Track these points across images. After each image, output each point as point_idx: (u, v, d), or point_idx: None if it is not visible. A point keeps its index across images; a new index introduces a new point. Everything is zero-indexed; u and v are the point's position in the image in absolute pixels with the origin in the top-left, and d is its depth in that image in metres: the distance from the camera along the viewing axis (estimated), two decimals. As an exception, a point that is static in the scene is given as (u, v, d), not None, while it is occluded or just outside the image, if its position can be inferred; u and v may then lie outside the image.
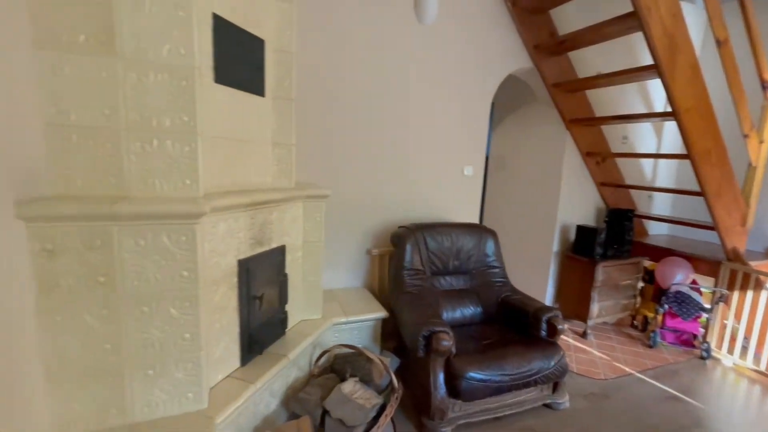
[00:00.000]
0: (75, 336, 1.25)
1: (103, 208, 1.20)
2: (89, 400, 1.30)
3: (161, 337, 1.35)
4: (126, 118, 1.29)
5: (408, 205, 2.94)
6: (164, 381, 1.38)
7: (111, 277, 1.25)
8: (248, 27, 1.66)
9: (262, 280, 1.81)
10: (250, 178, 1.79)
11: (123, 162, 1.30)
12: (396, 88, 2.73)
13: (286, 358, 1.84)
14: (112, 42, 1.24)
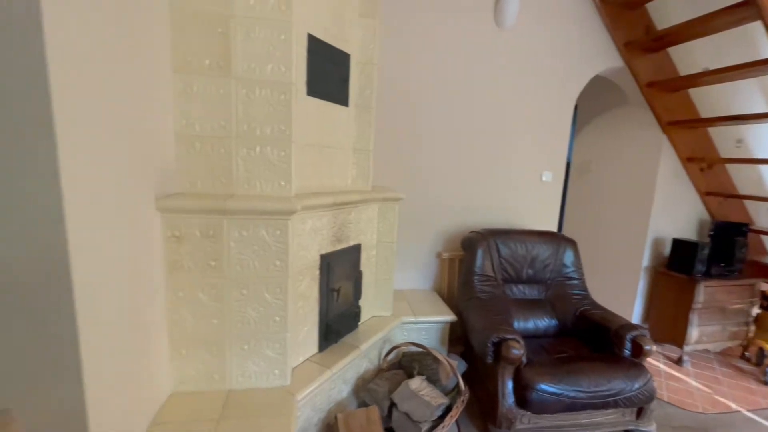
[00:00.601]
0: (191, 310, 1.50)
1: (217, 204, 1.43)
2: (199, 365, 1.54)
3: (256, 317, 1.55)
4: (236, 128, 1.52)
5: (480, 210, 2.92)
6: (256, 356, 1.58)
7: (220, 262, 1.48)
8: (337, 43, 1.83)
9: (340, 274, 1.96)
10: (332, 180, 1.96)
11: (232, 165, 1.53)
12: (472, 93, 2.75)
13: (358, 349, 1.96)
14: (229, 64, 1.47)
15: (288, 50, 1.49)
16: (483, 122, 2.80)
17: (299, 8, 1.52)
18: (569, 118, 2.98)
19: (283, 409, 1.48)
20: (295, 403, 1.54)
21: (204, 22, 1.43)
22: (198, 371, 1.54)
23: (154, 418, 1.39)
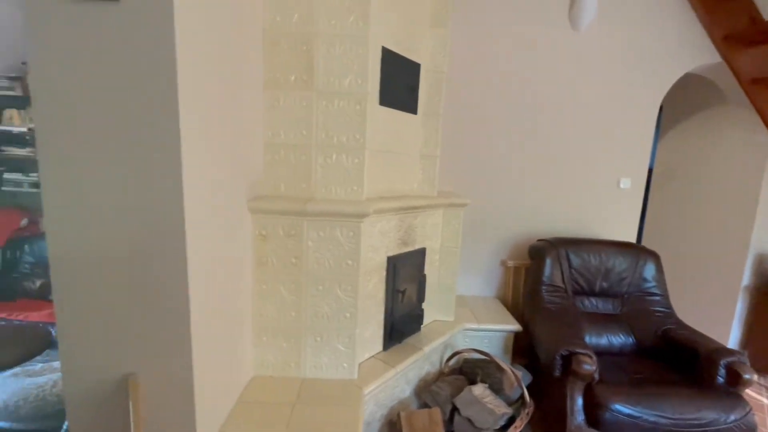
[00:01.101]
0: (272, 302, 1.66)
1: (298, 206, 1.57)
2: (277, 352, 1.69)
3: (329, 312, 1.67)
4: (316, 137, 1.65)
5: (549, 217, 2.81)
6: (328, 349, 1.69)
7: (299, 259, 1.62)
8: (408, 54, 1.91)
9: (405, 276, 2.02)
10: (399, 185, 2.03)
11: (311, 171, 1.67)
12: (542, 96, 2.67)
13: (421, 351, 2.00)
14: (311, 79, 1.61)
15: (365, 63, 1.59)
16: (554, 126, 2.70)
17: (375, 23, 1.62)
18: (653, 120, 2.76)
19: (352, 401, 1.57)
20: (362, 396, 1.62)
21: (291, 42, 1.58)
22: (276, 358, 1.70)
23: (240, 396, 1.55)
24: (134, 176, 1.03)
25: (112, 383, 1.13)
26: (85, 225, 1.05)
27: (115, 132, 1.01)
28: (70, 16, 0.96)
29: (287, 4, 1.56)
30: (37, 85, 0.99)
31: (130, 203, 1.04)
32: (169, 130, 1.01)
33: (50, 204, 1.04)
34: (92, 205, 1.04)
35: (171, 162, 1.03)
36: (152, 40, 0.97)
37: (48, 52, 0.97)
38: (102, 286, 1.09)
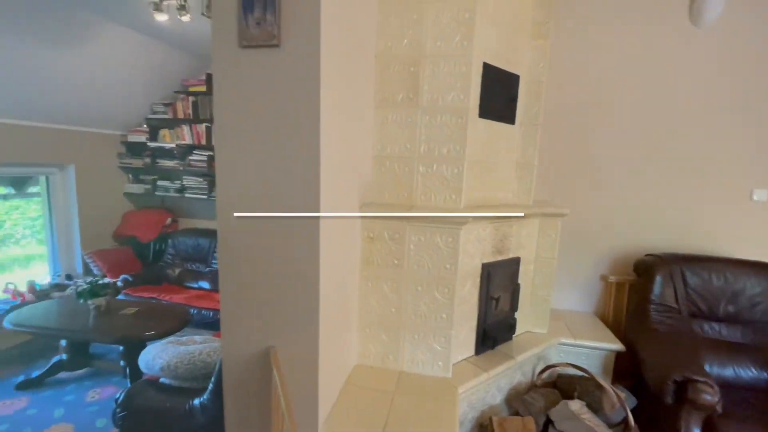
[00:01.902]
0: (376, 298, 1.83)
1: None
2: (377, 344, 1.86)
3: (426, 312, 1.78)
4: (419, 150, 1.80)
5: (658, 231, 2.58)
6: (424, 346, 1.81)
7: (401, 261, 1.77)
8: (507, 66, 1.96)
9: (499, 284, 2.05)
10: (495, 194, 2.08)
11: (413, 181, 1.82)
12: (654, 100, 2.48)
13: (513, 360, 2.01)
14: (417, 97, 1.76)
15: (467, 80, 1.70)
16: (669, 131, 2.48)
17: (478, 42, 1.71)
18: (799, 122, 2.37)
19: (447, 396, 1.66)
20: (457, 393, 1.70)
21: (400, 65, 1.76)
22: (377, 350, 1.87)
23: (346, 379, 1.75)
24: (284, 182, 1.27)
25: (258, 353, 1.39)
26: (243, 226, 1.33)
27: (271, 142, 1.26)
28: (242, 58, 1.24)
29: (398, 31, 1.74)
30: (218, 107, 1.29)
31: (277, 204, 1.29)
32: (311, 146, 1.23)
33: (221, 203, 1.34)
34: (250, 206, 1.31)
35: (312, 172, 1.25)
36: (303, 74, 1.20)
37: (226, 83, 1.27)
38: (253, 280, 1.35)
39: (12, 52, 2.65)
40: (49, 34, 2.72)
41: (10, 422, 2.46)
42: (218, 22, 1.24)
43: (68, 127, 3.57)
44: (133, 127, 4.08)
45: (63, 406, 2.64)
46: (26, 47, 2.68)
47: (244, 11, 1.18)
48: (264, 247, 1.33)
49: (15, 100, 2.99)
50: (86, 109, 3.53)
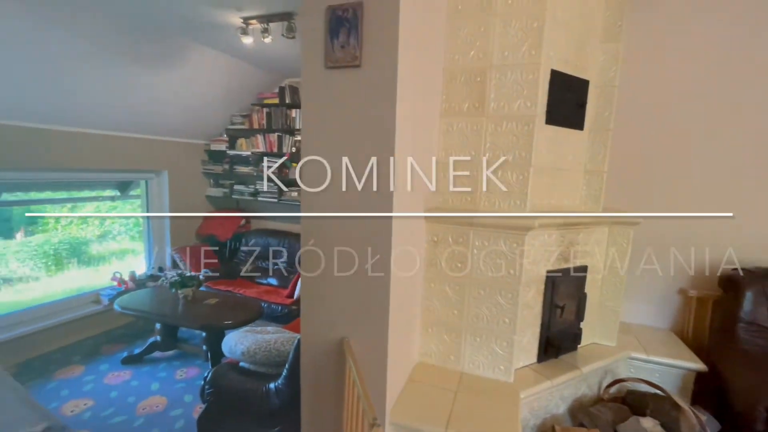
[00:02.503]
0: (439, 299, 1.90)
1: (465, 218, 1.78)
2: (439, 344, 1.93)
3: (488, 315, 1.82)
4: (483, 156, 1.85)
5: (746, 242, 2.35)
6: (485, 349, 1.85)
7: (464, 264, 1.83)
8: (576, 72, 1.94)
9: (563, 292, 2.02)
10: (561, 200, 2.05)
11: (478, 186, 1.87)
12: (745, 103, 2.28)
13: (578, 370, 1.97)
14: (483, 106, 1.82)
15: (534, 88, 1.72)
16: (758, 134, 2.27)
17: (546, 49, 1.73)
18: None
19: (509, 399, 1.68)
20: (519, 398, 1.71)
21: (466, 76, 1.83)
22: (438, 349, 1.93)
23: (409, 375, 1.84)
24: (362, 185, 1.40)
25: (333, 343, 1.53)
26: (323, 225, 1.48)
27: (350, 149, 1.40)
28: (327, 77, 1.40)
29: (465, 45, 1.81)
30: (305, 118, 1.46)
31: (354, 205, 1.42)
32: (386, 153, 1.35)
33: (306, 203, 1.50)
34: (330, 207, 1.46)
35: (386, 175, 1.36)
36: (381, 90, 1.32)
37: (313, 98, 1.43)
38: (330, 275, 1.50)
39: (120, 76, 3.12)
40: (150, 60, 3.16)
41: (119, 390, 2.88)
42: (307, 47, 1.40)
43: (163, 137, 4.09)
44: (215, 137, 4.55)
45: (158, 381, 3.02)
46: (132, 71, 3.15)
47: (331, 37, 1.33)
48: (341, 246, 1.47)
49: (122, 116, 3.51)
50: (177, 122, 4.02)
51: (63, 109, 3.06)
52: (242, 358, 2.34)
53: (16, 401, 2.38)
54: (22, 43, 2.46)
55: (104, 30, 2.70)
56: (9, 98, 2.72)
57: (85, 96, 3.07)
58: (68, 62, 2.75)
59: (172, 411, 2.68)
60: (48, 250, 4.66)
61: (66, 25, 2.52)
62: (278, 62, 3.78)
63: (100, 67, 2.93)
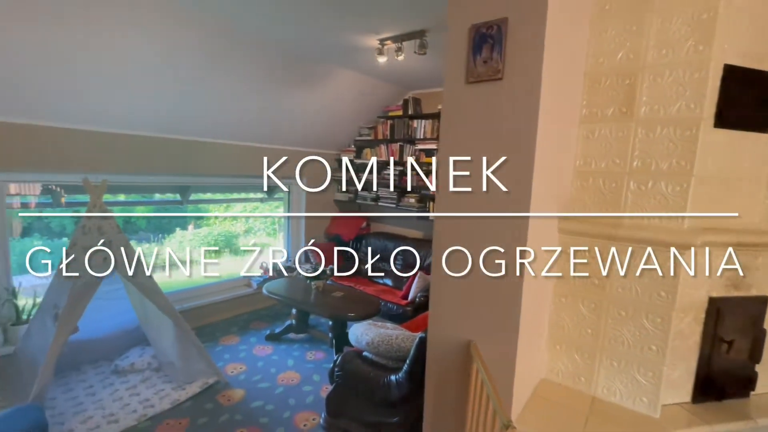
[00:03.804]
0: (570, 315, 1.80)
1: (606, 230, 1.66)
2: (568, 363, 1.82)
3: (630, 340, 1.65)
4: (630, 165, 1.69)
5: None
6: (624, 377, 1.68)
7: (603, 281, 1.70)
8: (759, 64, 1.64)
9: (733, 325, 1.70)
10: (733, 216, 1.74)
11: (621, 198, 1.72)
12: None
13: (752, 420, 1.63)
14: (631, 110, 1.68)
15: (701, 87, 1.52)
16: None
17: (720, 42, 1.51)
18: None
19: (656, 438, 1.50)
20: (667, 438, 1.52)
21: (612, 78, 1.71)
22: (567, 368, 1.83)
23: (534, 390, 1.78)
24: (497, 192, 1.44)
25: (459, 345, 1.59)
26: (455, 228, 1.56)
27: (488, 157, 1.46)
28: (468, 91, 1.48)
29: (612, 46, 1.69)
30: (444, 128, 1.57)
31: (488, 211, 1.47)
32: (526, 162, 1.37)
33: (440, 205, 1.61)
34: (463, 210, 1.53)
35: (524, 185, 1.38)
36: (523, 101, 1.35)
37: (453, 110, 1.53)
38: (460, 277, 1.57)
39: (269, 98, 3.73)
40: (295, 84, 3.71)
41: (264, 361, 3.42)
42: (449, 64, 1.51)
43: (302, 148, 4.72)
44: (344, 148, 5.06)
45: (292, 359, 3.50)
46: (279, 94, 3.74)
47: (473, 54, 1.42)
48: (472, 249, 1.52)
49: (272, 131, 4.18)
50: (314, 136, 4.61)
51: (223, 125, 3.81)
52: (366, 348, 2.56)
53: (198, 355, 3.02)
54: (201, 78, 3.17)
55: (258, 62, 3.29)
56: (193, 119, 3.53)
57: (240, 115, 3.77)
58: (229, 89, 3.42)
59: (304, 386, 3.08)
60: (210, 240, 5.80)
61: (229, 61, 3.15)
62: (405, 76, 4.03)
63: (254, 92, 3.57)
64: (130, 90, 2.92)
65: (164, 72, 2.93)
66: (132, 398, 2.77)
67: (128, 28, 2.51)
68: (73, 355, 2.99)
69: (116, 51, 2.61)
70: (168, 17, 2.56)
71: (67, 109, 2.83)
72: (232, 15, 2.59)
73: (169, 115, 3.32)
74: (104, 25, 2.43)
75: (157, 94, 3.09)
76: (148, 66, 2.82)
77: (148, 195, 4.25)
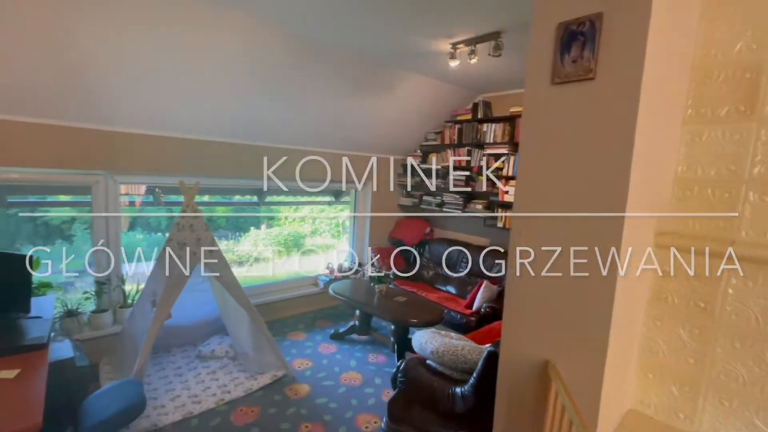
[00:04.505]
0: (666, 341, 1.60)
1: (717, 247, 1.44)
2: (662, 394, 1.61)
3: (747, 377, 1.42)
4: (749, 172, 1.46)
5: None
6: (739, 419, 1.44)
7: (710, 305, 1.48)
8: None
9: None
10: None
11: (737, 210, 1.48)
12: None
13: None
14: (752, 109, 1.44)
15: None
16: None
17: None
18: None
19: (782, 497, 1.26)
20: (796, 500, 1.27)
21: (729, 73, 1.49)
22: (661, 401, 1.62)
23: (620, 422, 1.60)
24: (586, 201, 1.33)
25: (535, 363, 1.49)
26: (550, 235, 1.46)
27: (577, 163, 1.35)
28: (554, 93, 1.38)
29: (728, 36, 1.48)
30: (525, 131, 1.49)
31: (570, 208, 1.36)
32: (621, 168, 1.25)
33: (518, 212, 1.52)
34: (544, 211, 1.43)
35: (618, 193, 1.25)
36: (619, 101, 1.23)
37: (535, 113, 1.44)
38: (538, 292, 1.46)
39: (341, 106, 3.84)
40: (365, 90, 3.79)
41: (328, 359, 3.53)
42: (533, 65, 1.43)
43: (369, 154, 4.81)
44: (410, 152, 5.07)
45: (355, 359, 3.56)
46: (350, 102, 3.84)
47: (561, 53, 1.32)
48: (553, 263, 1.42)
49: (341, 137, 4.31)
50: (381, 141, 4.67)
51: (299, 132, 4.00)
52: (430, 357, 2.51)
53: (269, 348, 3.20)
54: (283, 89, 3.36)
55: (333, 71, 3.41)
56: (272, 127, 3.76)
57: (312, 122, 3.93)
58: (306, 99, 3.59)
59: (366, 388, 3.11)
60: (280, 240, 6.16)
61: (307, 72, 3.30)
62: (475, 79, 3.93)
63: (329, 100, 3.71)
64: (220, 102, 3.21)
65: (251, 85, 3.18)
66: (212, 382, 3.01)
67: (222, 53, 2.77)
68: (165, 338, 3.35)
69: (213, 71, 2.89)
70: (254, 34, 2.77)
71: (167, 120, 3.19)
72: (314, 28, 2.72)
73: (252, 123, 3.59)
74: (205, 54, 2.71)
75: (243, 106, 3.36)
76: (236, 80, 3.08)
77: (229, 196, 4.63)
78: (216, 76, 2.98)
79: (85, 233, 3.57)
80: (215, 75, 2.97)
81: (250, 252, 5.86)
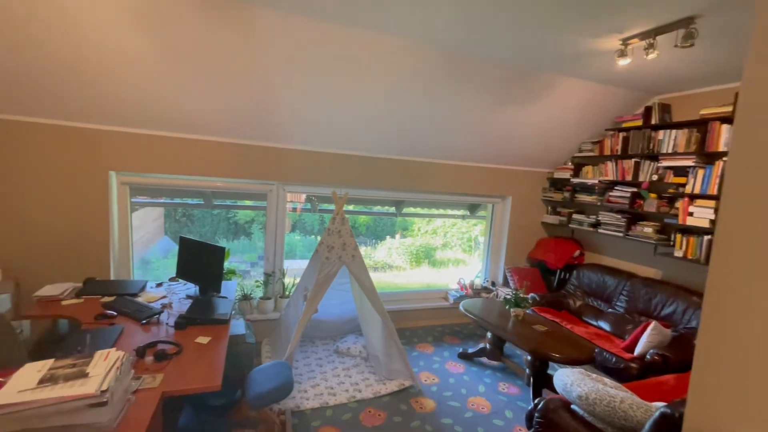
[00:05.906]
0: None
1: None
2: None
3: None
4: None
5: None
6: None
7: None
8: None
9: None
10: None
11: None
12: None
13: None
14: None
15: None
16: None
17: None
18: None
19: None
20: None
21: None
22: None
23: None
24: None
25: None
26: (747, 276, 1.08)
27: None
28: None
29: None
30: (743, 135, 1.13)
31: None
32: None
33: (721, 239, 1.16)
34: None
35: None
36: None
37: (757, 114, 1.08)
38: (751, 339, 1.07)
39: (487, 116, 3.68)
40: (515, 99, 3.55)
41: (455, 379, 3.39)
42: (758, 50, 1.08)
43: (511, 167, 4.52)
44: (559, 165, 4.57)
45: (484, 385, 3.33)
46: (498, 111, 3.65)
47: (810, 25, 0.96)
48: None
49: (481, 150, 4.15)
50: (526, 152, 4.33)
51: (438, 146, 4.00)
52: (577, 402, 2.15)
53: (398, 356, 3.26)
54: (424, 104, 3.42)
55: (476, 82, 3.30)
56: (413, 141, 3.86)
57: (453, 135, 3.87)
58: (447, 113, 3.56)
59: (494, 419, 2.87)
60: (412, 250, 6.29)
61: (448, 84, 3.27)
62: (648, 79, 3.30)
63: (470, 112, 3.61)
64: (365, 120, 3.50)
65: (394, 102, 3.37)
66: (346, 378, 3.24)
67: (370, 81, 3.01)
68: (311, 329, 3.77)
69: (363, 94, 3.17)
70: (409, 53, 2.92)
71: (321, 137, 3.63)
72: (460, 41, 2.72)
73: (395, 138, 3.79)
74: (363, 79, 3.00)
75: (385, 122, 3.58)
76: (378, 100, 3.30)
77: (369, 206, 4.98)
78: (365, 100, 3.25)
79: (260, 232, 4.34)
80: (365, 99, 3.24)
81: (385, 259, 6.18)
